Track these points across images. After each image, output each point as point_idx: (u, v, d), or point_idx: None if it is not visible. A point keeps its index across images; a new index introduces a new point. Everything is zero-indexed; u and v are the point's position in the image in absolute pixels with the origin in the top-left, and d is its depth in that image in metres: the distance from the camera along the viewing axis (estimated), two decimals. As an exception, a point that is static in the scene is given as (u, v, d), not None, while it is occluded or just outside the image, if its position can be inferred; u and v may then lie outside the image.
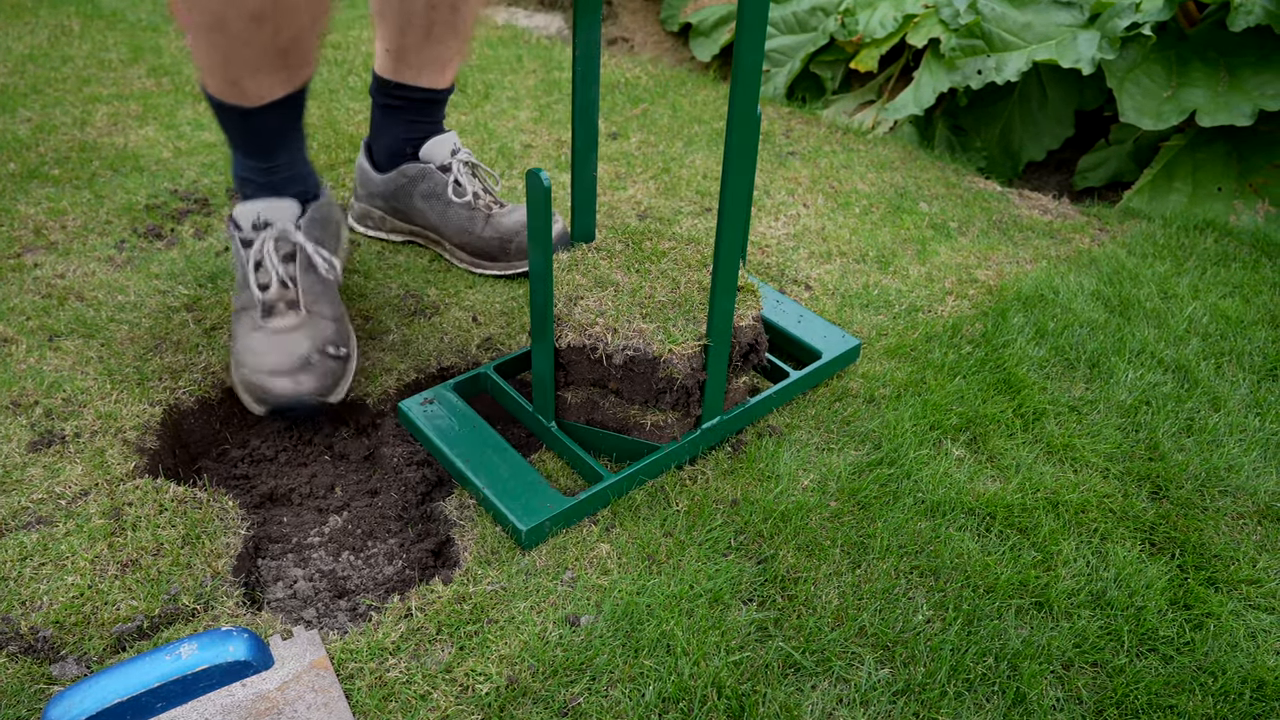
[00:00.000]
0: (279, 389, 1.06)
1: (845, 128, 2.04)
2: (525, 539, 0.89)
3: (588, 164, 1.03)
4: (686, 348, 0.94)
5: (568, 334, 0.96)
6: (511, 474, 0.95)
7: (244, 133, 1.13)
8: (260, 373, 1.07)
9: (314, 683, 0.76)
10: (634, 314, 0.96)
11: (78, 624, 0.80)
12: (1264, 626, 0.86)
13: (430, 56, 1.32)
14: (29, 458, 0.97)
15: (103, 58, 2.24)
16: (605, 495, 0.95)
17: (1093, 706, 0.78)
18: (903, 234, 1.53)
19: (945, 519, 0.95)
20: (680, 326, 0.95)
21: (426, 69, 1.33)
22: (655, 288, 1.00)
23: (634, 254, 1.05)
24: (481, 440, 1.00)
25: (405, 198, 1.41)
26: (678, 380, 0.94)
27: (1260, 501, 1.00)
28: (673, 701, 0.76)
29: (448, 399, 1.06)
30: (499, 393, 1.08)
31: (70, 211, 1.47)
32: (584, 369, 0.98)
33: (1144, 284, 1.38)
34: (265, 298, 1.12)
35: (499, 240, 1.34)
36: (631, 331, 0.94)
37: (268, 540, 0.98)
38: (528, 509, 0.91)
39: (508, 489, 0.93)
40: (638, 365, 0.94)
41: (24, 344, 1.14)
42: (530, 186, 0.84)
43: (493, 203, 1.39)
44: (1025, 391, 1.14)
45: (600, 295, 0.98)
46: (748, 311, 1.00)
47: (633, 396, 0.98)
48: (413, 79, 1.34)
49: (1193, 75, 1.77)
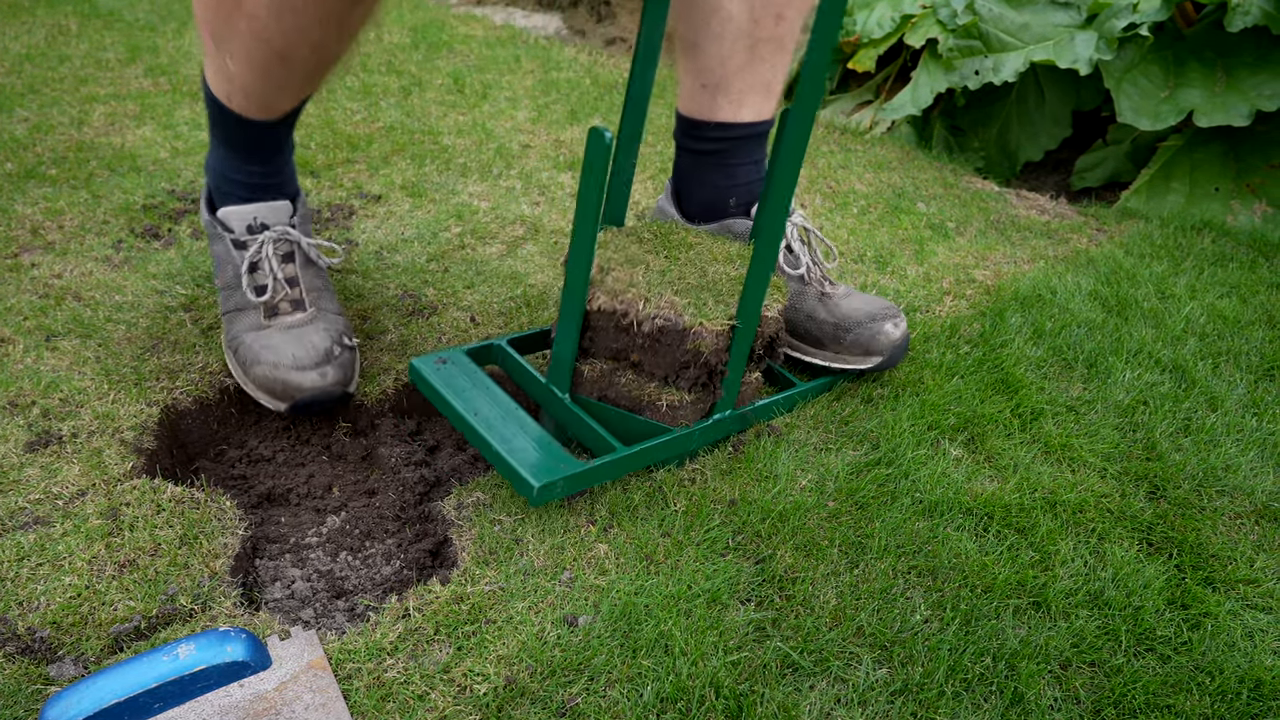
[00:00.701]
0: (308, 383, 1.04)
1: (843, 128, 2.04)
2: (536, 496, 0.88)
3: (630, 153, 1.03)
4: (717, 324, 0.94)
5: (600, 297, 0.96)
6: (523, 434, 0.95)
7: (256, 143, 1.12)
8: (283, 368, 1.05)
9: (312, 683, 0.76)
10: (665, 288, 0.96)
11: (75, 624, 0.80)
12: (1261, 626, 0.86)
13: (754, 82, 1.14)
14: (26, 458, 0.97)
15: (100, 57, 2.24)
16: (617, 466, 0.94)
17: (1090, 706, 0.78)
18: (900, 234, 1.53)
19: (943, 519, 0.95)
20: (710, 305, 0.96)
21: (749, 98, 1.15)
22: (685, 272, 1.00)
23: (663, 242, 1.06)
24: (493, 400, 0.99)
25: None
26: (704, 355, 0.95)
27: (1257, 501, 1.00)
28: (671, 701, 0.76)
29: (461, 360, 1.05)
30: (510, 364, 1.08)
31: (67, 211, 1.47)
32: (609, 336, 0.98)
33: (1141, 284, 1.38)
34: (266, 300, 1.10)
35: (834, 326, 1.14)
36: (663, 302, 0.94)
37: (265, 540, 0.98)
38: (541, 467, 0.90)
39: (520, 447, 0.93)
40: (666, 336, 0.94)
41: (21, 344, 1.14)
42: (591, 143, 0.82)
43: (824, 279, 1.19)
44: (1023, 391, 1.14)
45: (632, 270, 0.98)
46: (774, 304, 1.01)
47: (653, 371, 0.98)
48: (733, 115, 1.15)
49: (1190, 76, 1.77)
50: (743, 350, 0.97)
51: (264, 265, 1.11)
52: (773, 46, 1.12)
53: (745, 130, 1.16)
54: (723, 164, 1.18)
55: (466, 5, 3.43)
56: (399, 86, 2.20)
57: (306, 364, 1.05)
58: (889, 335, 1.11)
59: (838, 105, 2.30)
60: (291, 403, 1.05)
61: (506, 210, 1.59)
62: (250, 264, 1.11)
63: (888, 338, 1.10)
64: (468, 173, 1.74)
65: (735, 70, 1.13)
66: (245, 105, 1.06)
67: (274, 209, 1.14)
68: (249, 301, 1.11)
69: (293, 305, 1.11)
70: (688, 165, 1.21)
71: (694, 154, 1.19)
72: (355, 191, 1.64)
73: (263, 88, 1.02)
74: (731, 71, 1.13)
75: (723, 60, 1.12)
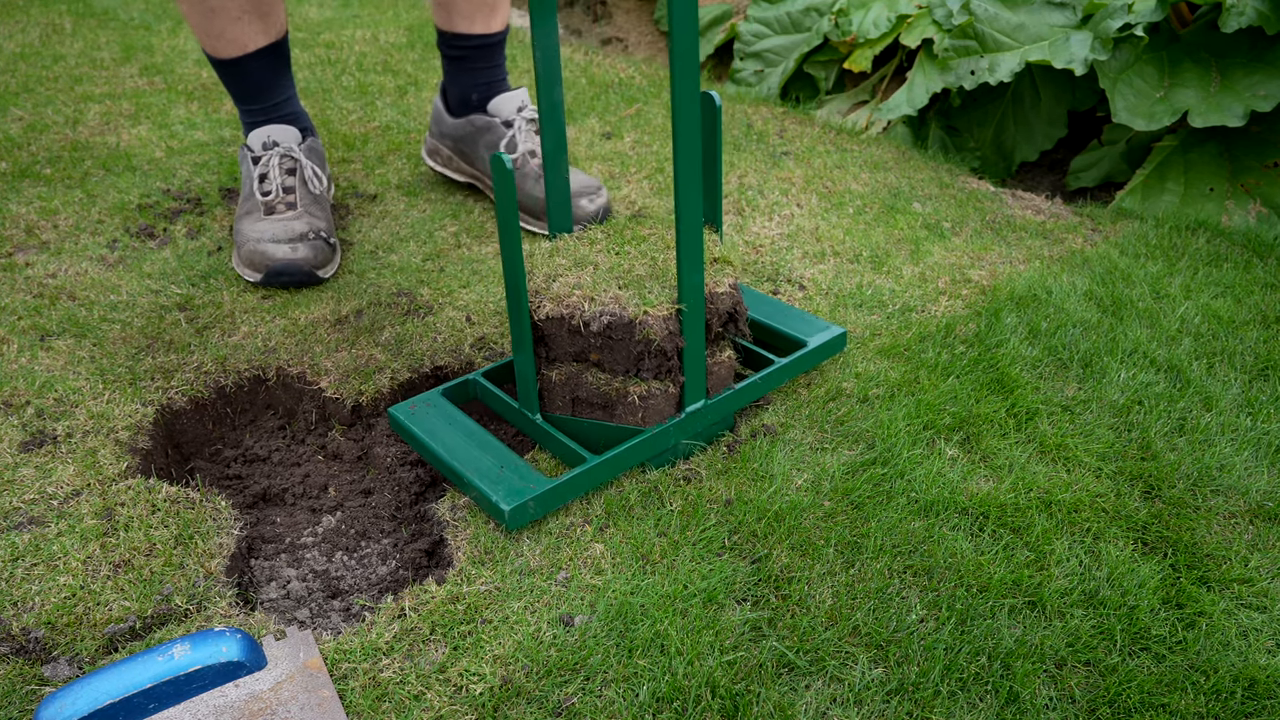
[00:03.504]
0: (279, 254, 1.28)
1: (839, 128, 2.05)
2: (509, 519, 0.89)
3: (558, 166, 1.05)
4: (662, 309, 0.95)
5: (545, 305, 0.97)
6: (495, 461, 0.96)
7: (238, 81, 1.41)
8: (262, 243, 1.29)
9: (307, 683, 0.76)
10: (610, 284, 0.97)
11: (70, 624, 0.80)
12: (1256, 625, 0.86)
13: (478, 2, 1.47)
14: (20, 458, 0.97)
15: (95, 56, 2.24)
16: (589, 477, 0.94)
17: (1085, 705, 0.78)
18: (896, 234, 1.53)
19: (938, 519, 0.95)
20: (656, 293, 0.96)
21: (478, 15, 1.48)
22: (633, 264, 1.01)
23: (614, 240, 1.07)
24: (467, 434, 1.00)
25: (471, 144, 1.55)
26: (655, 342, 0.95)
27: (1252, 501, 1.00)
28: (667, 701, 0.76)
29: (438, 401, 1.06)
30: (487, 395, 1.09)
31: (62, 211, 1.47)
32: (564, 341, 0.98)
33: (1136, 284, 1.38)
34: (267, 200, 1.35)
35: (542, 201, 1.44)
36: (608, 299, 0.95)
37: (261, 540, 0.98)
38: (510, 490, 0.91)
39: (490, 474, 0.94)
40: (615, 331, 0.95)
41: (15, 344, 1.14)
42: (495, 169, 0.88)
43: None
44: (1018, 391, 1.14)
45: (579, 273, 0.99)
46: (724, 279, 1.01)
47: (614, 366, 0.98)
48: (466, 27, 1.49)
49: (1185, 76, 1.77)
50: (696, 329, 0.97)
51: (270, 175, 1.38)
52: None
53: (478, 40, 1.50)
54: (468, 67, 1.53)
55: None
56: (395, 86, 2.20)
57: (281, 239, 1.29)
58: (584, 209, 1.43)
59: (834, 105, 2.30)
60: (265, 271, 1.28)
61: (502, 210, 1.59)
62: (260, 175, 1.38)
63: (583, 211, 1.43)
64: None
65: None
66: (209, 44, 1.36)
67: (283, 131, 1.42)
68: (256, 203, 1.36)
69: (287, 207, 1.36)
70: (447, 68, 1.57)
71: (448, 59, 1.54)
72: (351, 191, 1.64)
73: (203, 21, 1.33)
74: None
75: None
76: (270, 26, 1.37)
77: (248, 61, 1.37)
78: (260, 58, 1.38)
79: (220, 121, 1.91)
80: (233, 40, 1.34)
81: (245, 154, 1.43)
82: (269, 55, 1.39)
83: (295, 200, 1.37)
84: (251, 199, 1.38)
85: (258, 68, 1.39)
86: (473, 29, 1.49)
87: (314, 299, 1.30)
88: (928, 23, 2.06)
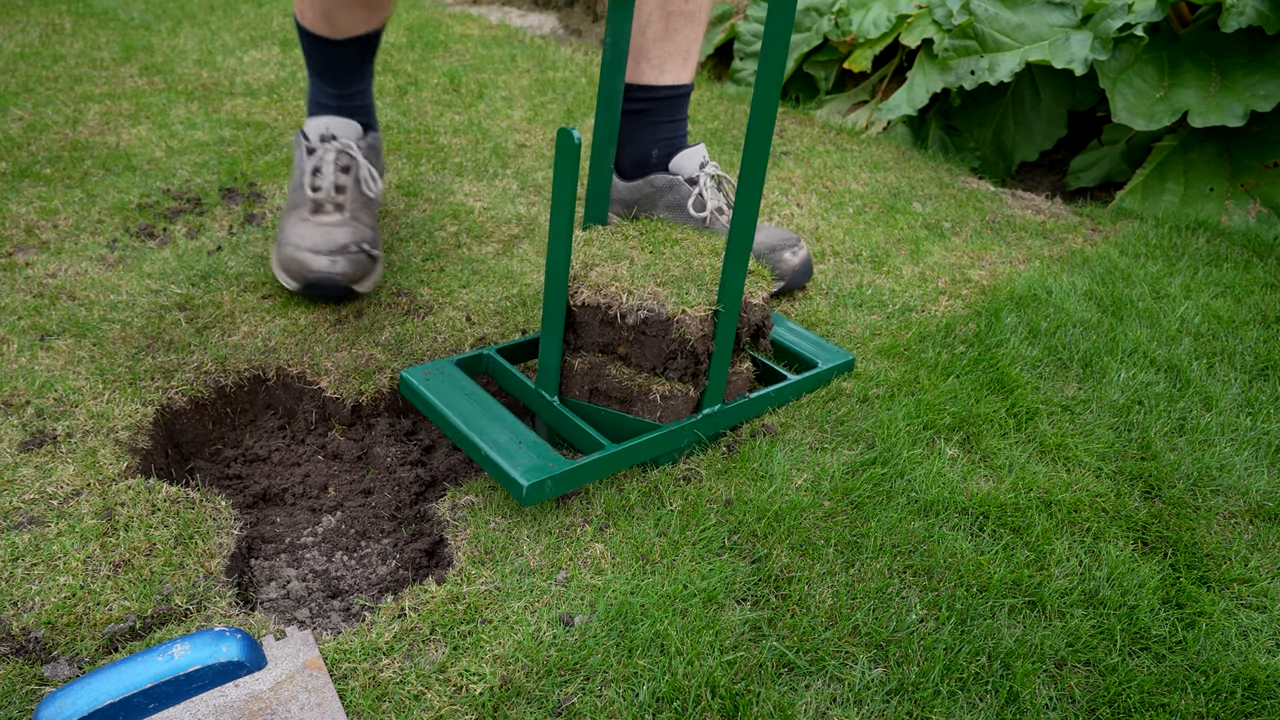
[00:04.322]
0: (318, 266, 1.22)
1: (839, 128, 2.05)
2: (526, 495, 0.89)
3: (606, 154, 1.05)
4: (699, 310, 0.95)
5: (583, 292, 0.97)
6: (512, 436, 0.95)
7: (328, 62, 1.36)
8: (301, 250, 1.23)
9: (307, 683, 0.76)
10: (648, 280, 0.97)
11: (70, 624, 0.80)
12: (1255, 625, 0.86)
13: (671, 50, 1.34)
14: (20, 458, 0.97)
15: (95, 56, 2.24)
16: (607, 464, 0.95)
17: (1085, 705, 0.78)
18: (896, 234, 1.53)
19: (938, 518, 0.95)
20: (693, 294, 0.96)
21: (669, 64, 1.35)
22: (669, 264, 1.01)
23: (648, 238, 1.07)
24: (482, 405, 1.00)
25: (649, 206, 1.40)
26: (690, 342, 0.95)
27: (1252, 500, 1.00)
28: (666, 701, 0.76)
29: (451, 370, 1.06)
30: (500, 372, 1.09)
31: (62, 210, 1.47)
32: (595, 331, 0.98)
33: (1136, 284, 1.39)
34: (316, 197, 1.30)
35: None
36: (646, 294, 0.95)
37: (261, 540, 0.98)
38: (530, 467, 0.91)
39: (508, 448, 0.93)
40: (650, 326, 0.95)
41: (15, 343, 1.14)
42: (561, 143, 0.85)
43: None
44: (1018, 391, 1.14)
45: (616, 265, 0.99)
46: (759, 290, 1.01)
47: (641, 362, 0.98)
48: (654, 78, 1.35)
49: (1185, 76, 1.77)
50: (728, 335, 0.97)
51: (324, 170, 1.32)
52: (684, 19, 1.33)
53: (667, 92, 1.36)
54: (649, 122, 1.38)
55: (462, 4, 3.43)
56: (395, 86, 2.20)
57: (322, 250, 1.23)
58: (787, 262, 1.31)
59: (834, 105, 2.30)
60: (302, 282, 1.22)
61: (502, 210, 1.59)
62: (314, 168, 1.32)
63: (787, 264, 1.31)
64: (463, 172, 1.74)
65: (653, 39, 1.33)
66: (314, 21, 1.32)
67: (344, 125, 1.36)
68: (305, 198, 1.30)
69: (335, 208, 1.29)
70: (622, 125, 1.37)
71: (626, 114, 1.37)
72: (351, 191, 1.64)
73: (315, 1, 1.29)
74: (650, 40, 1.33)
75: (641, 29, 1.33)
76: (374, 16, 1.34)
77: (343, 45, 1.34)
78: (355, 44, 1.35)
79: (220, 121, 1.91)
80: (336, 23, 1.31)
81: (300, 141, 1.37)
82: (363, 42, 1.36)
83: (345, 202, 1.31)
84: (300, 191, 1.32)
85: (349, 53, 1.36)
86: (661, 79, 1.35)
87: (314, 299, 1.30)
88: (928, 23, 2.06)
